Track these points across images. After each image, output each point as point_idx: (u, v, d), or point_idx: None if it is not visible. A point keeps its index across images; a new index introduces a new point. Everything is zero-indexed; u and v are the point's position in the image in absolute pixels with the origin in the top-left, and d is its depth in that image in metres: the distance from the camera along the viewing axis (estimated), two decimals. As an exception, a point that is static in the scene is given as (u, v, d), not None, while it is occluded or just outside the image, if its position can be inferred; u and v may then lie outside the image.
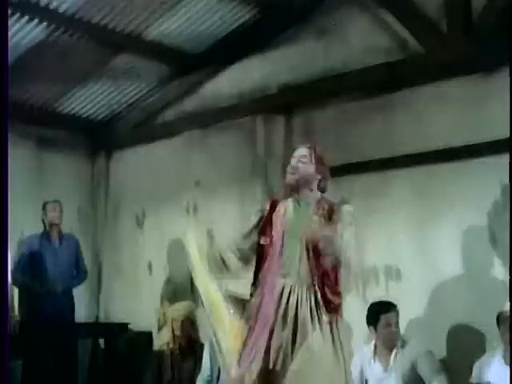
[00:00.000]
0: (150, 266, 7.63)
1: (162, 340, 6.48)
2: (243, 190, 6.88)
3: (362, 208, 5.93)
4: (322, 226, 3.76)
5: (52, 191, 7.46)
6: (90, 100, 7.68)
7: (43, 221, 6.70)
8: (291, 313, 3.74)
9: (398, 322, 5.12)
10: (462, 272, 5.45)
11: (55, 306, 6.43)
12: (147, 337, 7.12)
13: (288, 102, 6.65)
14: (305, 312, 3.74)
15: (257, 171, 6.78)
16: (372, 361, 5.16)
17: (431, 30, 5.67)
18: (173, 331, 6.36)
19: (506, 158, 5.18)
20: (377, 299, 5.66)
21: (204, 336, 6.41)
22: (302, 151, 4.01)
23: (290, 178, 3.94)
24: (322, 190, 3.99)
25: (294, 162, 3.98)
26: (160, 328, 6.74)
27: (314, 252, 3.75)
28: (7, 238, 3.23)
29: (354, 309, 5.76)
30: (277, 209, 3.98)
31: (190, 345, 6.38)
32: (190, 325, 6.39)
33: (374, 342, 5.20)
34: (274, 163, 6.62)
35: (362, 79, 6.07)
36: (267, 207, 4.03)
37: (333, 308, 3.77)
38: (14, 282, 6.31)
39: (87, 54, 6.88)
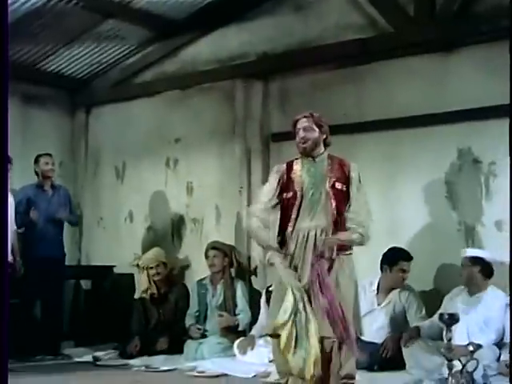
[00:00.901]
0: (131, 215, 8.28)
1: (141, 287, 7.22)
2: (222, 148, 7.58)
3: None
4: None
5: (36, 145, 8.03)
6: (74, 59, 8.22)
7: (36, 172, 7.25)
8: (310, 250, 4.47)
9: (409, 271, 5.97)
10: (422, 220, 6.36)
11: (47, 250, 7.02)
12: (131, 278, 7.82)
13: (266, 70, 7.36)
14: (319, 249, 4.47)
15: (236, 131, 7.48)
16: (370, 294, 6.03)
17: (400, 13, 6.45)
18: (149, 277, 7.12)
19: (462, 126, 6.16)
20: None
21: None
22: (303, 123, 4.68)
23: (303, 146, 4.66)
24: (328, 144, 4.73)
25: (300, 133, 4.65)
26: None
27: (336, 195, 4.51)
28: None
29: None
30: (293, 168, 4.68)
31: (169, 285, 7.16)
32: (164, 268, 7.15)
33: (378, 279, 6.07)
34: (252, 124, 7.38)
35: (335, 52, 6.81)
36: (284, 168, 4.72)
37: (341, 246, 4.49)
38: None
39: (79, 19, 7.43)
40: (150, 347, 6.69)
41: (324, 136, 4.70)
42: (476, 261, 5.57)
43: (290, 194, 4.60)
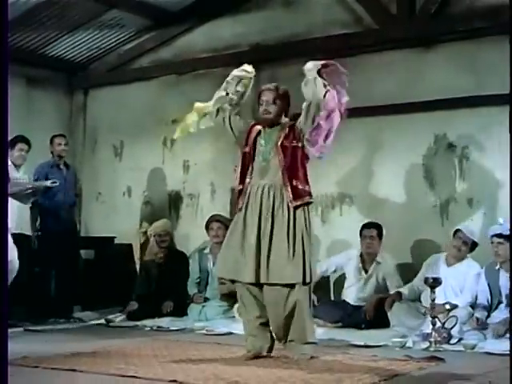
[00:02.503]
0: (129, 190, 8.93)
1: (150, 253, 7.89)
2: (217, 129, 8.23)
3: (320, 148, 7.55)
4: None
5: (38, 124, 8.67)
6: (75, 45, 8.83)
7: (52, 152, 7.86)
8: (269, 207, 4.85)
9: (375, 237, 6.76)
10: (402, 197, 7.18)
11: (63, 223, 7.61)
12: (130, 248, 8.51)
13: (257, 59, 8.01)
14: (278, 204, 4.85)
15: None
16: (353, 262, 6.86)
17: (383, 11, 7.20)
18: (157, 244, 7.81)
19: (438, 114, 6.97)
20: (332, 220, 7.36)
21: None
22: (266, 95, 5.07)
23: (266, 118, 5.05)
24: (288, 115, 5.09)
25: (264, 105, 5.03)
26: (142, 244, 8.19)
27: (285, 151, 4.88)
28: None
29: (313, 227, 7.49)
30: (254, 128, 5.11)
31: (171, 253, 7.83)
32: (170, 237, 7.86)
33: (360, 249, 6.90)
34: (245, 108, 8.03)
35: (322, 45, 7.51)
36: (250, 124, 5.17)
37: (299, 194, 4.85)
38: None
39: (84, 9, 8.04)
40: (156, 310, 7.37)
41: (287, 107, 5.09)
42: (469, 242, 6.34)
43: (247, 149, 5.05)
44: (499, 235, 5.98)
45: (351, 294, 6.85)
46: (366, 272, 6.83)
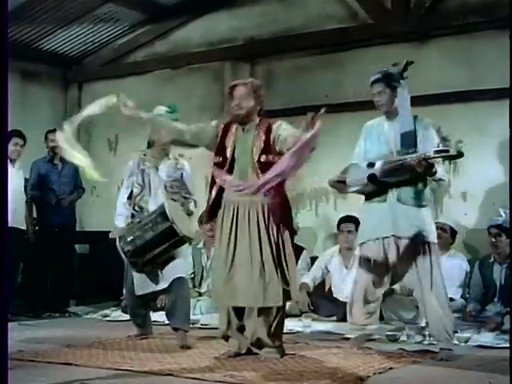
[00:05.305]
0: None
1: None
2: (213, 123, 8.27)
3: (315, 142, 7.57)
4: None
5: (33, 118, 8.69)
6: (70, 39, 8.83)
7: (47, 147, 7.85)
8: (245, 227, 4.58)
9: (353, 231, 6.70)
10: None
11: (60, 218, 7.59)
12: (125, 242, 8.51)
13: (252, 53, 8.07)
14: (256, 224, 4.56)
15: (225, 108, 8.10)
16: (335, 259, 6.84)
17: (378, 6, 7.23)
18: None
19: (432, 108, 6.97)
20: (326, 214, 7.39)
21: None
22: (240, 90, 4.64)
23: (237, 113, 4.65)
24: (261, 114, 4.73)
25: (236, 100, 4.63)
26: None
27: (262, 163, 4.52)
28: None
29: (308, 221, 7.51)
30: (227, 134, 4.71)
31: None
32: None
33: (339, 245, 6.88)
34: (239, 102, 8.07)
35: (317, 40, 7.57)
36: (221, 128, 4.75)
37: (279, 216, 4.59)
38: (30, 197, 7.51)
39: (79, 3, 8.05)
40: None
41: (258, 106, 4.69)
42: (447, 228, 6.45)
43: (220, 160, 4.72)
44: (498, 226, 5.98)
45: (338, 290, 6.88)
46: (347, 268, 6.81)
